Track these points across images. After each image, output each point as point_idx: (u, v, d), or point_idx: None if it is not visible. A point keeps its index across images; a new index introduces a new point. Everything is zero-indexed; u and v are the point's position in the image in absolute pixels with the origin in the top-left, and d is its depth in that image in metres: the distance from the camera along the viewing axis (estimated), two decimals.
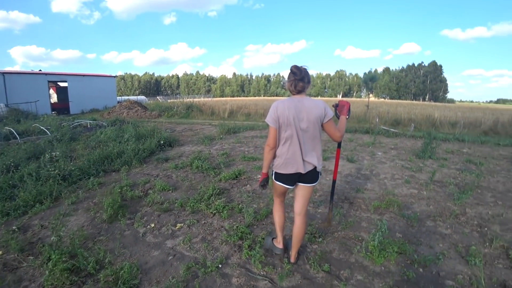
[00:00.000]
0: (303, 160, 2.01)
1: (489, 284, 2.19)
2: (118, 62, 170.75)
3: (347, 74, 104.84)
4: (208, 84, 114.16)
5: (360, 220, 3.13)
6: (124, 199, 3.68)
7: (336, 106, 2.35)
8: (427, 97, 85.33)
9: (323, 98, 76.95)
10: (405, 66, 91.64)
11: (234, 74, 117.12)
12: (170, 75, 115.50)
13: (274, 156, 2.09)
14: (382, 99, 71.51)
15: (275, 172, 2.11)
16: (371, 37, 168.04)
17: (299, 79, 1.98)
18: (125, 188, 3.98)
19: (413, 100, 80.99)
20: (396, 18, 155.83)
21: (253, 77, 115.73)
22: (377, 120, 10.15)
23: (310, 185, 2.13)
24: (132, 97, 30.66)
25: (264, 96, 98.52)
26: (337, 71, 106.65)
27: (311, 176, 2.08)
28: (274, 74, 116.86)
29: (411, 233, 2.90)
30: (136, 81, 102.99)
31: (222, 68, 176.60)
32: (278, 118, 1.97)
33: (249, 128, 10.50)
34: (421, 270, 2.33)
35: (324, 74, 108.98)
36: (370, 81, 13.37)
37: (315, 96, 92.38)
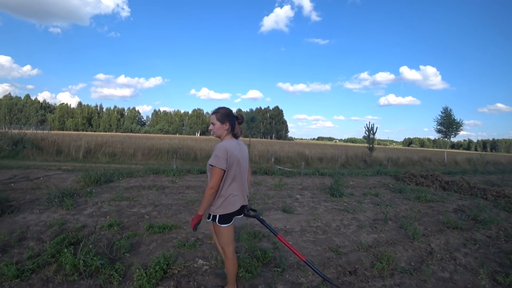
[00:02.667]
0: (246, 194, 2.30)
1: None
2: None
3: (204, 113, 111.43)
4: (42, 113, 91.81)
5: None
6: None
7: None
8: (273, 135, 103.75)
9: (182, 135, 77.31)
10: (254, 109, 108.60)
11: (80, 103, 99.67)
12: None
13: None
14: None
15: (221, 216, 2.14)
16: (223, 82, 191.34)
17: (240, 123, 2.29)
18: None
19: (262, 138, 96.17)
20: (242, 69, 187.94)
21: (104, 110, 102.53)
22: (272, 160, 10.80)
23: (242, 215, 2.33)
24: None
25: (116, 131, 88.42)
26: (194, 109, 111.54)
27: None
28: (128, 108, 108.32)
29: None
30: None
31: (63, 95, 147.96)
32: (228, 159, 2.07)
33: (125, 174, 8.20)
34: None
35: (182, 111, 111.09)
36: (251, 121, 14.35)
37: (173, 134, 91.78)
